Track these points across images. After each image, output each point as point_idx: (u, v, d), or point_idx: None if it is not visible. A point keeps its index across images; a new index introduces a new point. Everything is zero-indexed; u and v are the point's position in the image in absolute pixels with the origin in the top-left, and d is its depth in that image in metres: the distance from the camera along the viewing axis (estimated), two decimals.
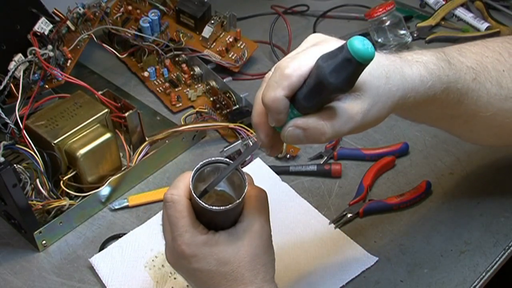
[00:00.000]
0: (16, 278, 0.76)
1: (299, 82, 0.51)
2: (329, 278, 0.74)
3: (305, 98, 0.51)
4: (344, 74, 0.48)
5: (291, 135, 0.53)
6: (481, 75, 0.64)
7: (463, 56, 0.64)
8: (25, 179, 0.78)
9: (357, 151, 0.90)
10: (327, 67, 0.48)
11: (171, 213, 0.57)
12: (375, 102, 0.54)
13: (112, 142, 0.83)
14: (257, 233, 0.58)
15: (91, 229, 0.82)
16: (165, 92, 1.02)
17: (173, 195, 0.57)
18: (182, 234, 0.57)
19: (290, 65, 0.51)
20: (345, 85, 0.49)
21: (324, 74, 0.48)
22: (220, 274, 0.57)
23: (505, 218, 0.80)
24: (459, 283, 0.73)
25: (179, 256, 0.58)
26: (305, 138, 0.53)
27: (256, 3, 1.24)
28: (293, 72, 0.51)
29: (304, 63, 0.51)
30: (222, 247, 0.57)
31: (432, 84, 0.58)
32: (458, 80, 0.62)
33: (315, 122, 0.52)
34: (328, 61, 0.49)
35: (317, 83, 0.50)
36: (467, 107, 0.64)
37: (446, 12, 1.18)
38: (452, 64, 0.61)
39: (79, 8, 1.01)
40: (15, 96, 0.87)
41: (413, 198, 0.82)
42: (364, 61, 0.47)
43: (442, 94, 0.60)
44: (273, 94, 0.51)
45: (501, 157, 0.89)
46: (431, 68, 0.59)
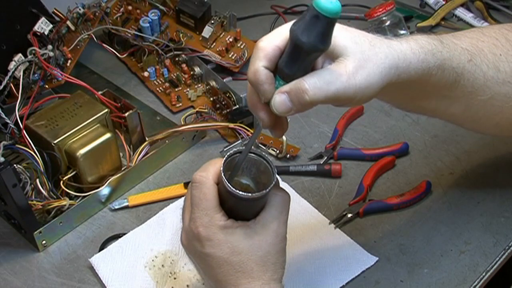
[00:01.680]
0: (16, 278, 0.76)
1: (274, 51, 0.54)
2: (329, 278, 0.74)
3: (286, 65, 0.53)
4: (314, 31, 0.50)
5: (278, 102, 0.54)
6: (477, 57, 0.64)
7: (457, 39, 0.64)
8: (25, 179, 0.78)
9: (357, 151, 0.90)
10: (298, 28, 0.51)
11: (195, 193, 0.58)
12: (361, 66, 0.54)
13: (112, 142, 0.83)
14: (274, 231, 0.59)
15: (91, 229, 0.82)
16: (165, 92, 1.02)
17: (201, 176, 0.59)
18: (202, 216, 0.58)
19: (264, 39, 0.55)
20: (319, 42, 0.51)
21: (296, 35, 0.51)
22: (230, 263, 0.58)
23: (505, 218, 0.80)
24: (459, 283, 0.73)
25: (194, 237, 0.59)
26: (291, 102, 0.54)
27: (256, 3, 1.24)
28: (267, 44, 0.54)
29: (277, 34, 0.54)
30: (238, 237, 0.58)
31: (425, 57, 0.58)
32: (453, 58, 0.61)
33: (297, 82, 0.53)
34: (299, 22, 0.51)
35: (293, 46, 0.52)
36: (463, 88, 0.64)
37: (446, 12, 1.18)
38: (445, 44, 0.62)
39: (79, 8, 1.01)
40: (15, 96, 0.87)
41: (413, 198, 0.82)
42: (330, 14, 0.49)
43: (437, 71, 0.60)
44: (252, 68, 0.54)
45: (501, 156, 0.89)
46: (422, 43, 0.59)
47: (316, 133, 0.95)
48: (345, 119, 0.95)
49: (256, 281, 0.58)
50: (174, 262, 0.76)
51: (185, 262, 0.76)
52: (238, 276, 0.58)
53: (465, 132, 0.93)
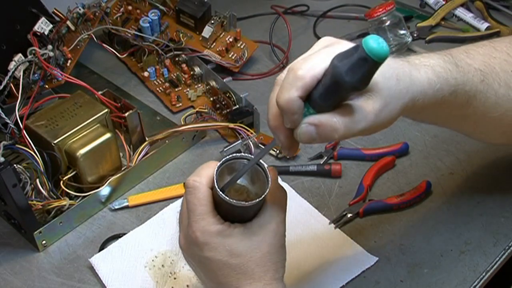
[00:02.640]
0: (16, 278, 0.76)
1: (312, 82, 0.52)
2: (329, 278, 0.74)
3: (321, 97, 0.52)
4: (359, 73, 0.49)
5: (304, 132, 0.53)
6: (489, 76, 0.64)
7: (470, 58, 0.64)
8: (25, 179, 0.78)
9: (357, 151, 0.90)
10: (343, 66, 0.49)
11: (190, 199, 0.58)
12: (387, 103, 0.54)
13: (112, 142, 0.83)
14: (273, 231, 0.59)
15: (91, 229, 0.82)
16: (165, 92, 1.02)
17: (195, 182, 0.58)
18: (198, 221, 0.57)
19: (303, 67, 0.52)
20: (360, 83, 0.50)
21: (340, 73, 0.49)
22: (230, 266, 0.58)
23: (505, 218, 0.80)
24: (459, 283, 0.73)
25: (192, 242, 0.59)
26: (318, 135, 0.53)
27: (256, 3, 1.24)
28: (306, 73, 0.51)
29: (317, 64, 0.52)
30: (236, 239, 0.58)
31: (440, 87, 0.59)
32: (466, 82, 0.62)
33: (328, 119, 0.52)
34: (344, 60, 0.49)
35: (333, 82, 0.50)
36: (475, 108, 0.65)
37: (446, 12, 1.18)
38: (460, 66, 0.62)
39: (79, 8, 1.01)
40: (15, 96, 0.87)
41: (413, 198, 0.82)
42: (379, 59, 0.48)
43: (450, 96, 0.60)
44: (287, 96, 0.52)
45: (501, 157, 0.89)
46: (439, 71, 0.59)
47: None
48: None
49: (257, 282, 0.58)
50: (174, 262, 0.76)
51: (185, 262, 0.76)
52: (239, 278, 0.58)
53: None
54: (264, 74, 1.07)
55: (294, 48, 1.08)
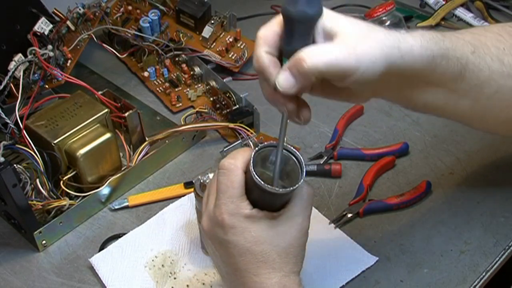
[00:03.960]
0: (16, 278, 0.76)
1: (272, 36, 0.56)
2: (329, 278, 0.74)
3: (285, 43, 0.55)
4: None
5: (281, 79, 0.55)
6: (480, 49, 0.64)
7: (459, 33, 0.64)
8: (25, 179, 0.78)
9: (357, 151, 0.90)
10: (286, 1, 0.53)
11: (222, 180, 0.58)
12: (360, 41, 0.55)
13: (112, 142, 0.83)
14: (299, 225, 0.59)
15: (91, 229, 0.82)
16: (165, 92, 1.02)
17: (230, 163, 0.58)
18: (227, 203, 0.58)
19: (261, 28, 0.57)
20: (305, 7, 0.53)
21: (284, 7, 0.53)
22: (252, 253, 0.58)
23: (505, 218, 0.80)
24: (459, 283, 0.73)
25: (217, 224, 0.58)
26: (292, 76, 0.55)
27: (256, 3, 1.24)
28: (264, 31, 0.57)
29: (273, 21, 0.57)
30: (262, 226, 0.58)
31: (427, 45, 0.59)
32: (456, 49, 0.62)
33: (295, 55, 0.54)
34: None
35: (285, 21, 0.54)
36: (469, 81, 0.64)
37: (446, 12, 1.18)
38: (447, 36, 0.62)
39: (79, 8, 1.01)
40: (15, 96, 0.87)
41: (413, 198, 0.82)
42: None
43: (441, 59, 0.60)
44: (255, 56, 0.56)
45: (501, 157, 0.89)
46: (423, 32, 0.59)
47: (316, 133, 0.95)
48: (345, 119, 0.95)
49: (277, 272, 0.58)
50: (174, 262, 0.76)
51: (185, 262, 0.77)
52: (260, 265, 0.58)
53: (465, 132, 0.93)
54: None
55: None
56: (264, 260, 0.58)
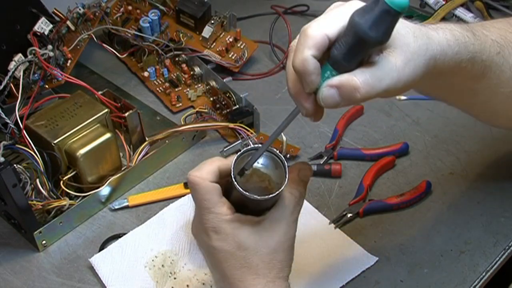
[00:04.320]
0: (16, 278, 0.76)
1: (323, 40, 0.51)
2: (329, 278, 0.74)
3: (344, 58, 0.51)
4: (383, 26, 0.49)
5: (326, 96, 0.52)
6: (505, 49, 0.64)
7: (487, 30, 0.64)
8: (25, 179, 0.78)
9: (357, 151, 0.90)
10: (365, 22, 0.49)
11: (193, 195, 0.59)
12: (408, 59, 0.53)
13: (112, 142, 0.83)
14: (283, 230, 0.59)
15: (91, 229, 0.82)
16: (165, 92, 1.02)
17: (195, 177, 0.58)
18: (206, 214, 0.58)
19: (313, 25, 0.52)
20: (385, 36, 0.50)
21: (364, 29, 0.49)
22: (236, 258, 0.58)
23: (505, 218, 0.80)
24: (459, 283, 0.73)
25: (202, 230, 0.59)
26: (340, 97, 0.52)
27: (256, 3, 1.24)
28: (316, 31, 0.51)
29: (328, 22, 0.52)
30: (245, 232, 0.58)
31: (459, 50, 0.58)
32: (483, 51, 0.61)
33: (349, 78, 0.51)
34: (365, 16, 0.49)
35: (357, 39, 0.50)
36: (489, 81, 0.64)
37: (446, 12, 1.18)
38: (477, 35, 0.61)
39: (79, 8, 1.01)
40: (15, 96, 0.87)
41: (413, 198, 0.82)
42: (402, 9, 0.48)
43: (468, 63, 0.60)
44: (300, 56, 0.52)
45: (501, 157, 0.89)
46: (457, 35, 0.58)
47: (316, 133, 0.95)
48: (345, 119, 0.95)
49: (261, 278, 0.58)
50: (174, 262, 0.76)
51: (185, 262, 0.76)
52: (244, 271, 0.58)
53: (465, 132, 0.93)
54: (264, 74, 1.07)
55: None
56: (248, 265, 0.58)
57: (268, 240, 0.58)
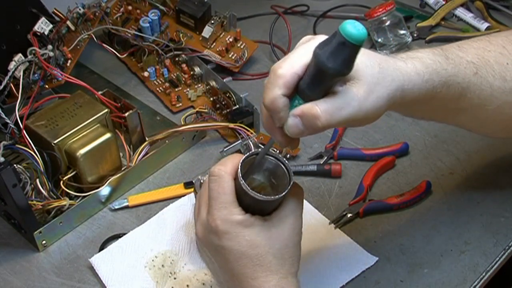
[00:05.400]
0: (16, 278, 0.76)
1: (292, 79, 0.53)
2: (329, 278, 0.74)
3: (308, 87, 0.53)
4: (340, 57, 0.50)
5: (290, 125, 0.55)
6: (482, 69, 0.64)
7: (463, 52, 0.64)
8: (25, 179, 0.78)
9: (357, 151, 0.90)
10: (323, 53, 0.51)
11: (213, 186, 0.59)
12: (371, 90, 0.54)
13: (112, 142, 0.83)
14: (291, 225, 0.60)
15: (91, 229, 0.82)
16: (165, 92, 1.02)
17: (220, 170, 0.59)
18: (220, 209, 0.58)
19: (282, 65, 0.54)
20: (343, 67, 0.51)
21: (322, 60, 0.51)
22: (248, 257, 0.58)
23: (505, 218, 0.80)
24: (459, 283, 0.73)
25: (211, 230, 0.59)
26: (303, 126, 0.54)
27: (256, 3, 1.24)
28: (286, 71, 0.53)
29: (296, 60, 0.54)
30: (256, 230, 0.58)
31: (430, 77, 0.59)
32: (458, 74, 0.62)
33: (310, 107, 0.53)
34: (324, 47, 0.51)
35: (317, 70, 0.52)
36: (470, 100, 0.64)
37: (446, 12, 1.18)
38: (450, 59, 0.62)
39: (79, 8, 1.01)
40: (15, 96, 0.87)
41: (413, 198, 0.82)
42: (357, 42, 0.49)
43: (442, 88, 0.60)
44: (271, 95, 0.54)
45: (501, 157, 0.89)
46: (427, 62, 0.59)
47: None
48: None
49: (274, 275, 0.58)
50: (174, 262, 0.76)
51: (185, 262, 0.77)
52: (256, 269, 0.58)
53: (465, 132, 0.92)
54: (264, 74, 1.07)
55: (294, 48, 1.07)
56: (260, 263, 0.58)
57: (279, 236, 0.59)
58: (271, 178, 0.62)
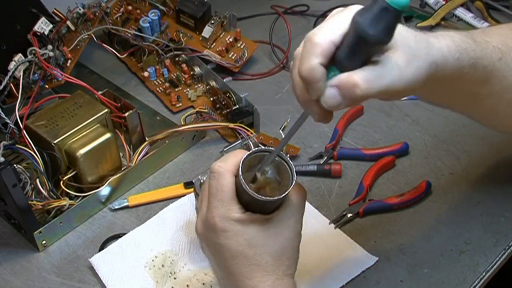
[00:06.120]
0: (16, 278, 0.76)
1: (329, 47, 0.51)
2: (329, 278, 0.74)
3: (346, 57, 0.51)
4: (383, 23, 0.49)
5: (328, 96, 0.52)
6: (507, 55, 0.64)
7: (488, 37, 0.64)
8: (25, 179, 0.78)
9: (357, 151, 0.90)
10: (365, 20, 0.49)
11: (213, 183, 0.58)
12: (410, 60, 0.53)
13: (112, 142, 0.83)
14: (291, 226, 0.59)
15: (91, 229, 0.82)
16: (165, 92, 1.02)
17: (220, 167, 0.58)
18: (218, 206, 0.58)
19: (318, 33, 0.52)
20: (385, 35, 0.50)
21: (363, 27, 0.49)
22: (245, 256, 0.58)
23: (505, 218, 0.80)
24: (459, 283, 0.73)
25: (209, 227, 0.58)
26: (341, 97, 0.52)
27: (256, 3, 1.24)
28: (322, 39, 0.51)
29: (333, 28, 0.52)
30: (254, 229, 0.58)
31: (460, 56, 0.58)
32: (484, 57, 0.61)
33: (348, 75, 0.51)
34: (365, 14, 0.49)
35: (357, 38, 0.50)
36: (492, 87, 0.64)
37: (446, 12, 1.18)
38: (478, 42, 0.61)
39: (79, 8, 1.01)
40: (15, 96, 0.87)
41: (413, 198, 0.82)
42: (400, 7, 0.48)
43: (469, 69, 0.60)
44: (308, 65, 0.51)
45: (501, 157, 0.89)
46: (457, 41, 0.58)
47: (316, 133, 0.94)
48: (345, 119, 0.95)
49: (270, 275, 0.58)
50: (174, 262, 0.76)
51: (185, 262, 0.77)
52: (252, 269, 0.58)
53: (465, 132, 0.93)
54: (264, 74, 1.07)
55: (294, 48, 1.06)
56: (257, 263, 0.58)
57: (278, 237, 0.58)
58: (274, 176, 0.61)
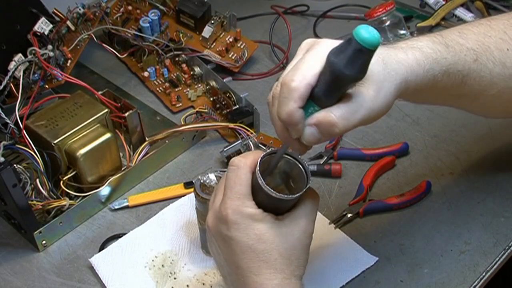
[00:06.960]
0: (16, 278, 0.76)
1: (307, 91, 0.53)
2: (329, 278, 0.74)
3: (325, 95, 0.54)
4: (358, 63, 0.51)
5: (308, 135, 0.55)
6: (483, 56, 0.64)
7: (463, 38, 0.64)
8: (25, 179, 0.78)
9: (357, 151, 0.90)
10: (340, 61, 0.51)
11: (231, 176, 0.59)
12: (379, 88, 0.55)
13: (112, 142, 0.83)
14: (302, 227, 0.59)
15: (91, 229, 0.82)
16: (165, 92, 1.02)
17: (240, 161, 0.59)
18: (233, 199, 0.58)
19: (295, 78, 0.54)
20: (360, 73, 0.52)
21: (340, 69, 0.51)
22: (254, 251, 0.58)
23: (505, 218, 0.80)
24: (459, 283, 0.73)
25: (221, 219, 0.59)
26: (320, 134, 0.55)
27: (256, 3, 1.24)
28: (299, 84, 0.53)
29: (307, 71, 0.54)
30: (266, 225, 0.58)
31: (430, 67, 0.59)
32: (458, 62, 0.62)
33: (325, 115, 0.54)
34: (340, 55, 0.51)
35: (334, 78, 0.52)
36: (470, 87, 0.65)
37: (446, 12, 1.18)
38: (450, 46, 0.62)
39: (79, 8, 1.01)
40: (15, 96, 0.87)
41: (413, 198, 0.82)
42: (374, 47, 0.50)
43: (442, 77, 0.61)
44: (287, 109, 0.54)
45: (501, 157, 0.89)
46: (427, 52, 0.60)
47: None
48: None
49: (278, 274, 0.58)
50: (174, 262, 0.76)
51: (185, 262, 0.77)
52: (261, 265, 0.58)
53: (465, 132, 0.93)
54: (264, 74, 1.07)
55: (294, 48, 1.06)
56: (266, 259, 0.58)
57: (288, 236, 0.58)
58: (289, 179, 0.62)
